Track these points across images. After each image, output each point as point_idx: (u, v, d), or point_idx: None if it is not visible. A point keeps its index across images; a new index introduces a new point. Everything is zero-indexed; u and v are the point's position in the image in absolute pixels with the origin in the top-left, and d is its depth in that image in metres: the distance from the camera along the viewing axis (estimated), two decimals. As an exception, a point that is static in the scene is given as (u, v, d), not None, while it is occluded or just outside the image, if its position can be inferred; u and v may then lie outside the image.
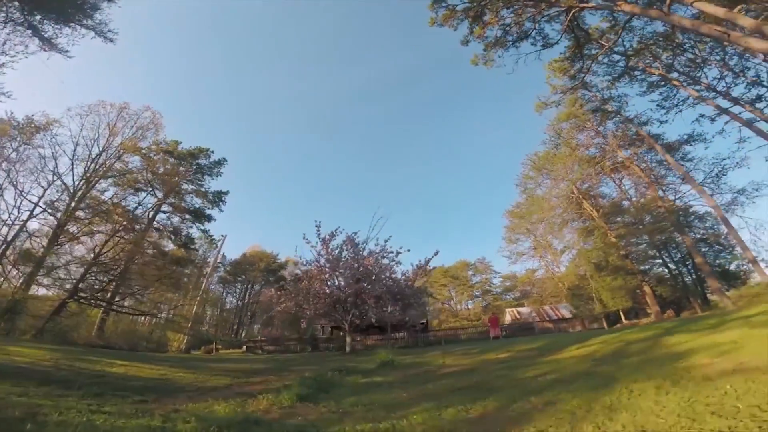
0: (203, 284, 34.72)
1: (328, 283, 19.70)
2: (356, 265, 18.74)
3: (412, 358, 12.91)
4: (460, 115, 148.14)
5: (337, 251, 19.42)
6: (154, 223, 34.58)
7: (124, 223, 27.21)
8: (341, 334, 33.02)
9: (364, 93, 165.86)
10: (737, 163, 26.81)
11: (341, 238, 19.64)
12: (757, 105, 23.01)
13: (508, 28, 21.42)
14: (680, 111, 26.03)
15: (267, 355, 22.01)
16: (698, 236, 27.43)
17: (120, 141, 29.67)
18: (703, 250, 26.81)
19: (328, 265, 19.60)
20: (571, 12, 19.42)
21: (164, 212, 36.28)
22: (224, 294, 64.10)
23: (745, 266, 27.52)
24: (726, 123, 24.82)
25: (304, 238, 20.06)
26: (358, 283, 18.34)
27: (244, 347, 28.20)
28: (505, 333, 24.38)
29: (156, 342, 32.24)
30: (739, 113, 23.86)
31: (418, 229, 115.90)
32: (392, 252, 18.79)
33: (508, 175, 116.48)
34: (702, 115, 26.09)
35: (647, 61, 25.44)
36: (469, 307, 55.00)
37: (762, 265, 22.95)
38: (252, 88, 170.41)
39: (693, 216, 28.86)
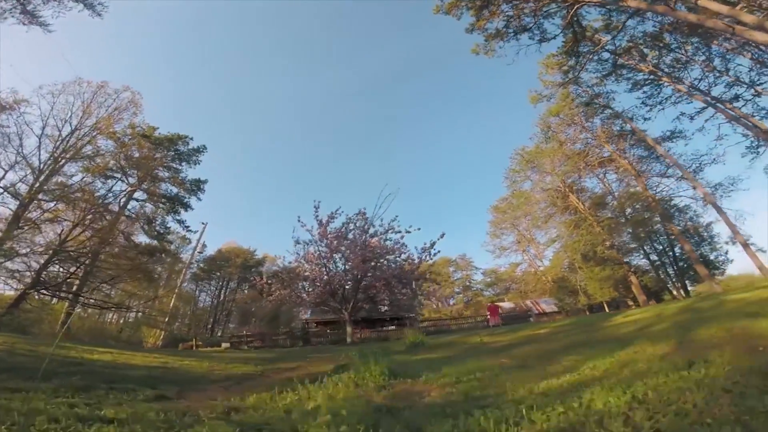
0: (182, 275, 32.14)
1: (328, 267, 18.21)
2: (363, 244, 17.24)
3: (436, 340, 11.76)
4: (445, 114, 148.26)
5: (343, 228, 17.84)
6: (126, 211, 31.82)
7: (93, 209, 24.51)
8: (327, 330, 31.62)
9: (352, 90, 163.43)
10: (714, 159, 27.77)
11: (341, 220, 18.19)
12: (735, 104, 23.64)
13: (509, 21, 21.59)
14: (663, 109, 26.59)
15: (256, 351, 20.24)
16: (680, 227, 27.91)
17: (94, 121, 26.95)
18: (687, 239, 27.35)
19: (325, 249, 18.11)
20: (574, 8, 19.58)
21: (137, 200, 33.59)
22: (197, 292, 60.66)
23: (722, 257, 28.40)
24: (706, 120, 25.44)
25: (298, 220, 18.53)
26: (365, 264, 16.91)
27: (228, 344, 26.11)
28: (504, 322, 23.79)
29: (126, 341, 29.61)
30: (716, 113, 24.54)
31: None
32: (400, 231, 17.35)
33: (489, 171, 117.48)
34: (683, 113, 26.65)
35: (635, 60, 25.72)
36: (451, 303, 54.52)
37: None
38: (243, 84, 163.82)
39: (674, 208, 29.49)
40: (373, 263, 17.24)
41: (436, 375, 4.85)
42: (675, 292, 30.53)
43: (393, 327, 29.13)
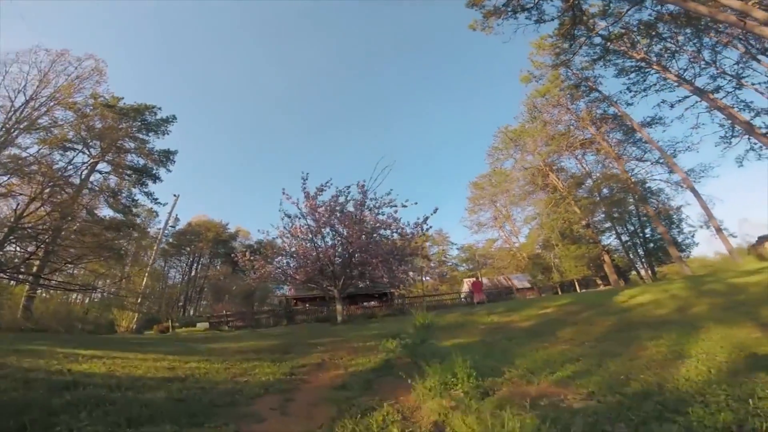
0: (154, 251, 30.21)
1: (316, 243, 17.32)
2: (360, 217, 16.28)
3: (441, 319, 11.26)
4: (428, 90, 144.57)
5: (331, 201, 16.70)
6: (89, 183, 29.42)
7: (51, 182, 22.17)
8: (306, 306, 31.01)
9: (340, 62, 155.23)
10: (688, 146, 28.69)
11: (330, 193, 17.04)
12: (716, 95, 24.16)
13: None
14: (646, 95, 27.00)
15: (244, 334, 19.38)
16: (654, 210, 28.92)
17: (51, 91, 24.67)
18: (661, 222, 28.46)
19: (314, 224, 17.08)
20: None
21: (101, 172, 31.11)
22: (166, 268, 57.94)
23: (689, 239, 29.84)
24: (687, 109, 25.98)
25: (283, 192, 17.30)
26: (365, 238, 16.09)
27: (207, 324, 25.02)
28: (488, 299, 24.02)
29: (93, 323, 27.86)
30: (697, 102, 25.07)
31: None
32: (395, 206, 16.20)
33: (468, 148, 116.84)
34: (664, 101, 27.08)
35: (626, 47, 25.69)
36: (427, 279, 55.20)
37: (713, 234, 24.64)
38: (221, 52, 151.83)
39: (647, 191, 30.50)
40: (369, 238, 16.51)
41: (540, 371, 4.16)
42: (643, 273, 32.03)
43: (374, 303, 29.02)
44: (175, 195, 29.28)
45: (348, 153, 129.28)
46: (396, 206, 15.87)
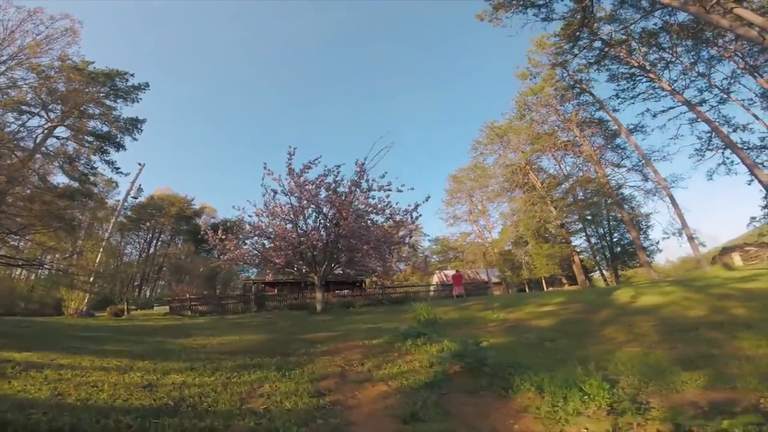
0: (111, 224, 27.24)
1: (298, 224, 15.79)
2: (351, 199, 14.78)
3: (442, 315, 10.25)
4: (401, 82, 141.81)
5: (318, 180, 15.04)
6: (43, 148, 26.44)
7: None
8: (276, 291, 29.28)
9: (329, 37, 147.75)
10: (664, 156, 29.41)
11: (318, 171, 15.45)
12: (701, 107, 24.68)
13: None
14: (633, 103, 27.28)
15: (210, 319, 17.60)
16: (629, 215, 29.46)
17: (14, 50, 22.32)
18: (634, 227, 29.11)
19: (296, 203, 15.48)
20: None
21: (59, 137, 28.08)
22: (123, 243, 53.50)
23: (652, 247, 30.83)
24: (669, 120, 26.48)
25: (265, 167, 15.55)
26: (358, 221, 14.72)
27: (167, 308, 22.80)
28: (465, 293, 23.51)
29: (39, 302, 24.99)
30: (681, 114, 25.60)
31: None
32: (389, 190, 14.63)
33: (443, 142, 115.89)
34: (648, 110, 27.50)
35: (623, 54, 25.69)
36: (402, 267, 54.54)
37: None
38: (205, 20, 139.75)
39: (620, 197, 31.16)
40: (360, 222, 15.19)
41: (657, 376, 3.31)
42: (607, 275, 32.92)
43: (347, 291, 27.77)
44: (140, 164, 26.43)
45: (337, 133, 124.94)
46: (390, 190, 14.58)
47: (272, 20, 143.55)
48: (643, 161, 29.26)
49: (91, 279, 21.93)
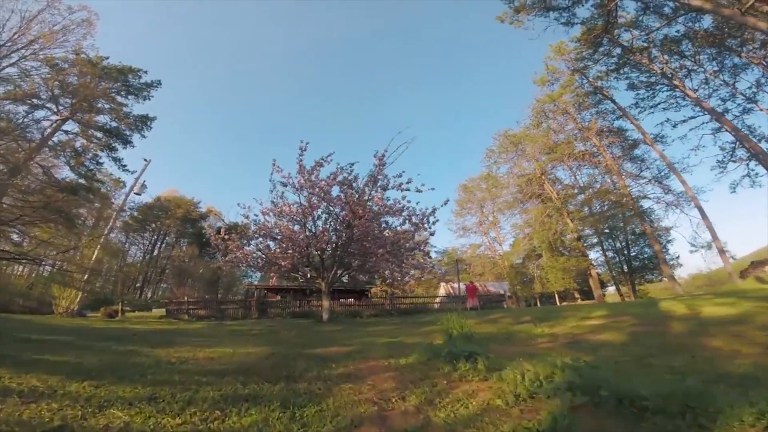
0: (111, 221, 25.85)
1: (307, 225, 14.26)
2: (367, 198, 13.08)
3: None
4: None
5: (331, 177, 13.46)
6: (50, 142, 25.68)
7: (5, 136, 18.29)
8: (278, 298, 27.60)
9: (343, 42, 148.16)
10: (683, 168, 27.82)
11: (330, 169, 13.89)
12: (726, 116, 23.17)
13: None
14: (653, 113, 25.83)
15: (208, 324, 15.96)
16: (652, 228, 27.59)
17: (28, 40, 21.71)
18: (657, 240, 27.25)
19: (306, 202, 13.93)
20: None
21: (67, 132, 27.23)
22: (127, 244, 52.18)
23: (672, 261, 28.91)
24: (691, 129, 24.91)
25: (274, 164, 14.10)
26: (367, 224, 13.05)
27: (164, 311, 21.18)
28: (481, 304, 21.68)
29: (37, 299, 23.70)
30: (703, 123, 24.02)
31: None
32: (407, 189, 12.85)
33: (448, 152, 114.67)
34: (668, 120, 26.00)
35: (645, 61, 24.35)
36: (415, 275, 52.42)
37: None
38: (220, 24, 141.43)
39: (639, 209, 29.38)
40: (375, 224, 13.60)
41: None
42: (624, 290, 30.91)
43: (352, 300, 26.05)
44: (145, 159, 25.10)
45: (352, 133, 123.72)
46: (409, 189, 12.99)
47: (293, 20, 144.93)
48: (666, 171, 27.66)
49: (86, 277, 20.43)
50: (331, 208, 13.50)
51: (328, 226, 15.09)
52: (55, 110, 26.59)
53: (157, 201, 48.52)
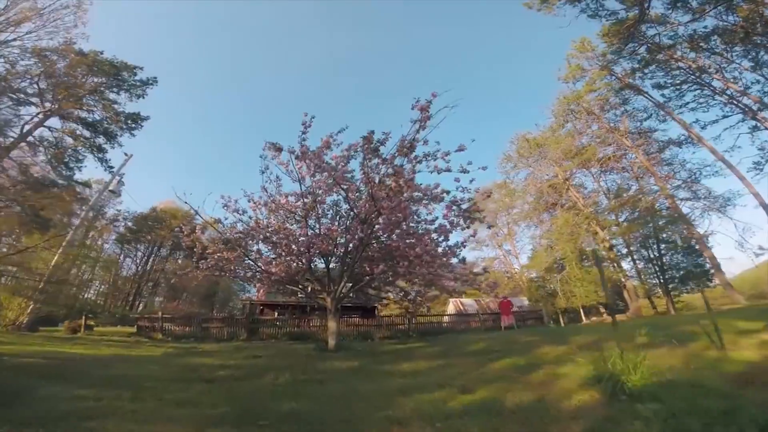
0: (79, 219, 21.76)
1: (309, 222, 10.12)
2: (402, 176, 8.33)
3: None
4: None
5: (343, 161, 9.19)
6: (31, 138, 22.11)
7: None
8: (276, 315, 23.23)
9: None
10: (716, 171, 24.23)
11: (343, 147, 9.65)
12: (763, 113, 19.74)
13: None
14: (682, 113, 22.44)
15: (179, 349, 11.68)
16: (700, 233, 23.39)
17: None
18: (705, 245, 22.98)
19: (306, 194, 9.91)
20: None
21: (50, 128, 23.66)
22: (122, 256, 47.77)
23: (712, 269, 24.80)
24: (725, 129, 21.30)
25: (266, 146, 10.01)
26: (398, 211, 8.57)
27: (135, 328, 16.83)
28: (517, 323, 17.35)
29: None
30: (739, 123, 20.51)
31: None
32: (449, 169, 8.32)
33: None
34: (698, 120, 22.50)
35: (674, 57, 21.26)
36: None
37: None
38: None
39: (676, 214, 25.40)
40: (405, 220, 9.42)
41: None
42: (660, 302, 26.50)
43: (357, 318, 21.52)
44: (126, 154, 21.42)
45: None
46: (449, 170, 8.80)
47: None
48: (700, 172, 24.04)
49: (42, 284, 16.13)
50: (345, 193, 9.29)
51: (338, 222, 11.07)
52: (40, 104, 23.07)
53: (152, 212, 44.46)
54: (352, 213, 9.62)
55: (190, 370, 6.80)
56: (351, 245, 9.85)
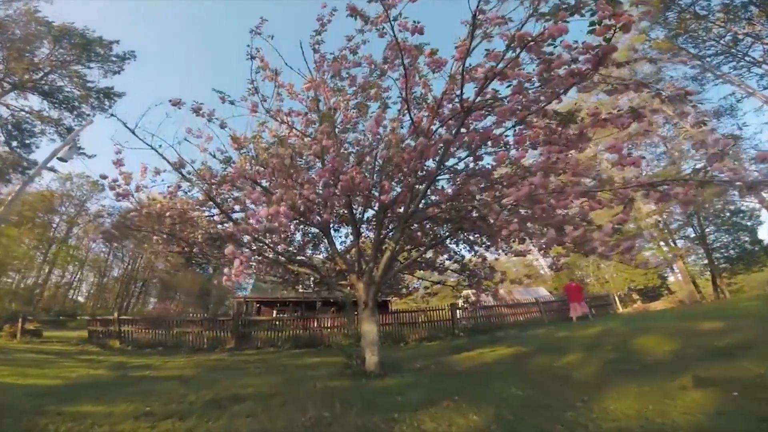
0: (10, 198, 16.55)
1: (326, 160, 5.26)
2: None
3: None
4: None
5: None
6: None
7: None
8: (274, 314, 18.35)
9: None
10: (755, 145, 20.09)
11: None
12: None
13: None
14: (716, 84, 18.67)
15: (136, 361, 6.83)
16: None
17: None
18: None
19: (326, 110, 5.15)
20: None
21: (8, 106, 18.86)
22: (110, 257, 42.29)
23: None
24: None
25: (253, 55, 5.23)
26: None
27: (86, 332, 11.81)
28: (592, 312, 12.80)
29: None
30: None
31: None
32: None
33: None
34: (732, 93, 18.84)
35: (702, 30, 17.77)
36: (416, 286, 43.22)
37: None
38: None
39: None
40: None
41: None
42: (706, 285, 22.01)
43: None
44: (85, 119, 16.33)
45: None
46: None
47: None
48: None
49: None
50: (404, 71, 4.44)
51: (374, 162, 5.97)
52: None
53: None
54: (409, 116, 4.76)
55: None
56: (412, 177, 5.07)
